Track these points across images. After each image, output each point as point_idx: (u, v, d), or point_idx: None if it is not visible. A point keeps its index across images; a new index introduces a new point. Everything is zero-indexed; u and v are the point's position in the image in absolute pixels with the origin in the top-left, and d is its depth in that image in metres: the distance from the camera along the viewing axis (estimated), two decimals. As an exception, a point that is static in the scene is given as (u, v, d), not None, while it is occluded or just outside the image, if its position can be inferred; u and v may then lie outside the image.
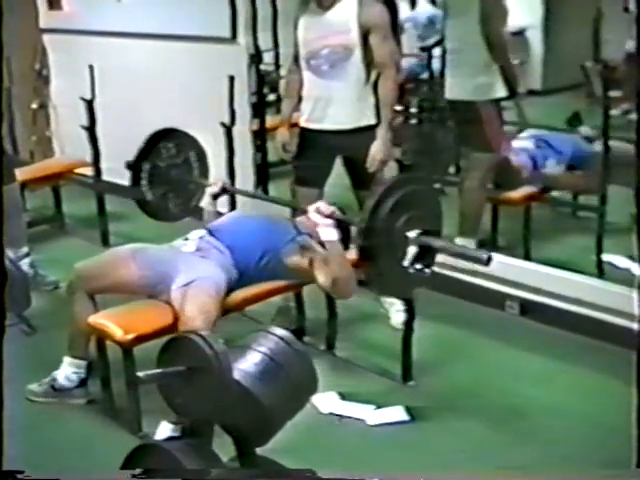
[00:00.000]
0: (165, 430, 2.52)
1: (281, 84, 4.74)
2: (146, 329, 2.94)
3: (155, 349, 2.05)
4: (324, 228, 2.95)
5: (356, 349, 3.62)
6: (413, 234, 2.58)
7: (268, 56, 5.48)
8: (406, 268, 2.58)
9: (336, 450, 2.88)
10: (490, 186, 4.38)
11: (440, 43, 5.26)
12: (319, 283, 3.05)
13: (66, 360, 3.19)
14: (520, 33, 6.99)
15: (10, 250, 3.87)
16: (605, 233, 3.88)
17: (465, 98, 4.11)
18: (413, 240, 2.58)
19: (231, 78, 4.63)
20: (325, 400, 3.15)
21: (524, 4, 6.51)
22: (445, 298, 3.96)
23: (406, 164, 4.75)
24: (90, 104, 4.94)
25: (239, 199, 4.24)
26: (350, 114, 3.66)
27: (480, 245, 4.14)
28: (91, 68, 5.01)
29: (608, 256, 3.91)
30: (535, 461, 2.76)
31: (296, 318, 3.71)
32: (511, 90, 4.05)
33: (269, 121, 4.88)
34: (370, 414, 3.10)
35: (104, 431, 3.05)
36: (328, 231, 2.95)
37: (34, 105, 6.17)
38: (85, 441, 2.99)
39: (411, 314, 3.35)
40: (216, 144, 4.18)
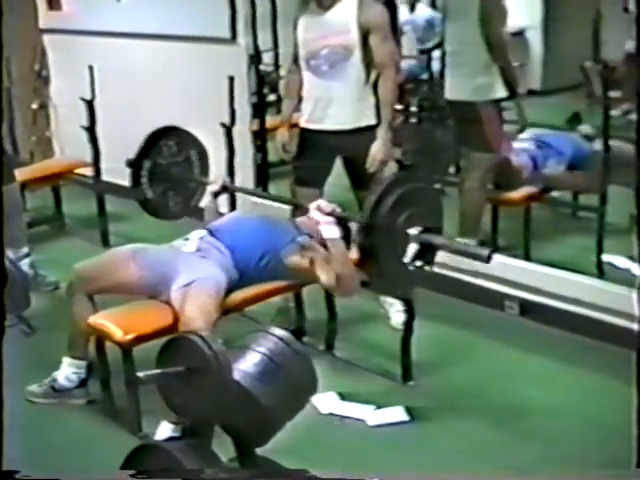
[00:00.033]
0: (165, 430, 2.53)
1: (281, 84, 4.74)
2: (146, 329, 2.94)
3: (155, 349, 2.05)
4: (326, 226, 2.93)
5: (356, 349, 3.62)
6: (414, 231, 2.58)
7: (268, 56, 5.49)
8: (407, 265, 2.58)
9: (336, 450, 2.88)
10: (490, 186, 4.38)
11: (439, 46, 5.27)
12: (322, 282, 3.02)
13: (66, 361, 3.19)
14: (520, 34, 6.96)
15: (10, 250, 3.88)
16: (605, 233, 3.88)
17: (465, 99, 4.11)
18: (414, 237, 2.58)
19: (231, 78, 4.63)
20: (325, 400, 3.15)
21: (524, 5, 6.49)
22: (445, 298, 3.96)
23: (406, 164, 4.74)
24: (90, 104, 4.94)
25: (239, 199, 4.24)
26: (350, 114, 3.66)
27: (480, 245, 4.13)
28: (91, 68, 5.00)
29: (608, 256, 3.90)
30: (535, 461, 2.76)
31: (296, 318, 3.71)
32: (511, 90, 4.05)
33: (269, 121, 4.89)
34: (370, 414, 3.10)
35: (104, 431, 3.05)
36: (330, 228, 2.92)
37: (34, 105, 6.17)
38: (85, 441, 2.99)
39: (411, 314, 3.35)
40: (216, 144, 4.17)
